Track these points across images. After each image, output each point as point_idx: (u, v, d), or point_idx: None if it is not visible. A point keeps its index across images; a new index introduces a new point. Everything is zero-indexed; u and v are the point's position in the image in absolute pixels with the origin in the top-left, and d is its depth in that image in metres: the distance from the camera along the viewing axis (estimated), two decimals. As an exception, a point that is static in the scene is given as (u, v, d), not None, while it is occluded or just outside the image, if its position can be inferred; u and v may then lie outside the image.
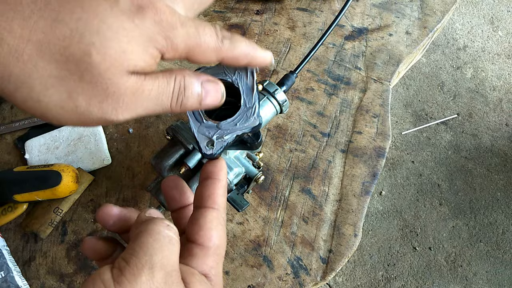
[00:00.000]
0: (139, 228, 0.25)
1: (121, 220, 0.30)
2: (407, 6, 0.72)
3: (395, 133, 1.70)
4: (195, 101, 0.26)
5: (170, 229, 0.24)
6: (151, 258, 0.22)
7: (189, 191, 0.34)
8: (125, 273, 0.22)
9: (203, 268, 0.27)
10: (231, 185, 0.42)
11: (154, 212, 0.28)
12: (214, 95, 0.27)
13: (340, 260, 0.51)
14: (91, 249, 0.29)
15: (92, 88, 0.21)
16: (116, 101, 0.22)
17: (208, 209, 0.29)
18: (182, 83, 0.25)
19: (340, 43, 0.68)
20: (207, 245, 0.28)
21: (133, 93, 0.23)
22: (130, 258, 0.23)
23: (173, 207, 0.34)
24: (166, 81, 0.24)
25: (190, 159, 0.41)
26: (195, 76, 0.26)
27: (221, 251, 0.29)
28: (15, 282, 0.46)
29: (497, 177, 1.61)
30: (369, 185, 0.56)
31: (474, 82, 1.82)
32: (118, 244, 0.30)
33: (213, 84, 0.27)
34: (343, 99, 0.63)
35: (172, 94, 0.25)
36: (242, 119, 0.39)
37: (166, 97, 0.24)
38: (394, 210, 1.55)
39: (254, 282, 0.50)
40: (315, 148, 0.59)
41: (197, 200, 0.30)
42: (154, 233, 0.24)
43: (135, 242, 0.24)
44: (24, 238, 0.53)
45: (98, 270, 0.23)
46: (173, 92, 0.25)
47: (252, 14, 0.71)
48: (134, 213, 0.31)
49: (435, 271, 1.45)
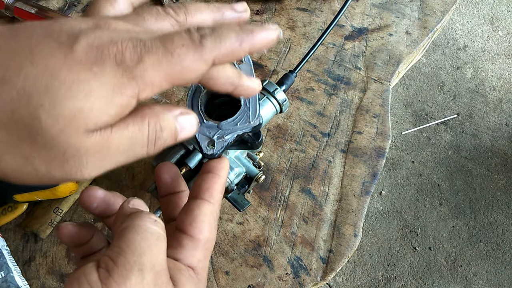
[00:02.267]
0: (124, 223, 0.24)
1: (104, 203, 0.29)
2: (407, 6, 0.72)
3: (395, 133, 1.70)
4: (171, 139, 0.23)
5: (157, 224, 0.24)
6: (140, 258, 0.22)
7: (181, 178, 0.34)
8: (113, 274, 0.21)
9: (191, 260, 0.27)
10: (232, 185, 0.42)
11: (138, 202, 0.27)
12: (189, 129, 0.24)
13: (340, 260, 0.51)
14: (67, 235, 0.28)
15: (48, 153, 0.19)
16: (78, 162, 0.20)
17: (204, 201, 0.28)
18: (158, 126, 0.22)
19: (340, 43, 0.68)
20: (198, 237, 0.27)
21: (98, 151, 0.20)
22: (117, 257, 0.22)
23: (163, 193, 0.33)
24: (138, 128, 0.21)
25: (190, 159, 0.41)
26: (169, 112, 0.23)
27: (210, 246, 0.28)
28: (15, 282, 0.46)
29: (497, 177, 1.61)
30: (369, 185, 0.56)
31: (474, 82, 1.82)
32: (95, 230, 0.30)
33: (187, 117, 0.24)
34: (343, 99, 0.63)
35: (147, 141, 0.22)
36: (243, 119, 0.39)
37: (141, 146, 0.22)
38: (394, 210, 1.55)
39: (254, 282, 0.50)
40: (315, 148, 0.59)
41: (194, 191, 0.30)
42: (142, 230, 0.23)
43: (121, 239, 0.23)
44: (24, 238, 0.53)
45: (83, 269, 0.22)
46: (148, 139, 0.22)
47: (252, 14, 0.71)
48: (119, 198, 0.31)
49: (435, 271, 1.45)
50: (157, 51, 0.20)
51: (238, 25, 0.22)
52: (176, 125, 0.23)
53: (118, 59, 0.19)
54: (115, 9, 0.25)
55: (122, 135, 0.21)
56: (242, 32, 0.22)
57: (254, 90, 0.27)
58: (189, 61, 0.21)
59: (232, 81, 0.25)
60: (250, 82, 0.26)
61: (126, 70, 0.19)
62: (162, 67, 0.20)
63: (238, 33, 0.22)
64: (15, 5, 0.66)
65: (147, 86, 0.20)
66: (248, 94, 0.27)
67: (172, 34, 0.21)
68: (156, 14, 0.23)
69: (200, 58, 0.21)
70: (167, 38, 0.21)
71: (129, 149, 0.21)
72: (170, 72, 0.20)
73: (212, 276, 0.51)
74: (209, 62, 0.21)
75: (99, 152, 0.20)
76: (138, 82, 0.20)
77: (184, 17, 0.24)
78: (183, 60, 0.20)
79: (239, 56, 0.22)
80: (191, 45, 0.21)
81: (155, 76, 0.20)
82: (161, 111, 0.22)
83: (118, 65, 0.19)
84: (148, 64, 0.20)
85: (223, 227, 0.53)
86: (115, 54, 0.19)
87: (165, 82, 0.21)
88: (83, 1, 0.73)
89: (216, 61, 0.22)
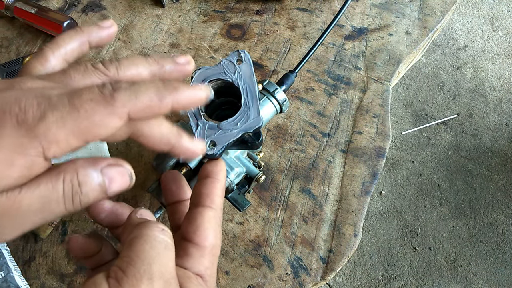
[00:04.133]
0: (133, 233, 0.23)
1: (112, 214, 0.30)
2: (407, 6, 0.72)
3: (395, 133, 1.70)
4: (98, 194, 0.22)
5: (165, 233, 0.24)
6: (149, 267, 0.22)
7: (186, 186, 0.34)
8: (124, 284, 0.21)
9: (199, 268, 0.27)
10: (232, 185, 0.42)
11: (145, 212, 0.28)
12: (120, 180, 0.23)
13: (340, 260, 0.51)
14: (77, 247, 0.28)
15: None
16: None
17: (206, 208, 0.28)
18: (75, 181, 0.21)
19: (340, 43, 0.68)
20: (203, 244, 0.27)
21: (4, 214, 0.19)
22: (127, 267, 0.22)
23: (169, 201, 0.33)
24: (51, 186, 0.20)
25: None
26: (91, 166, 0.22)
27: (217, 252, 0.28)
28: (15, 282, 0.46)
29: (497, 177, 1.61)
30: (369, 185, 0.56)
31: (474, 82, 1.82)
32: (104, 240, 0.30)
33: (116, 168, 0.22)
34: (343, 99, 0.63)
35: (63, 198, 0.21)
36: (243, 119, 0.39)
37: (56, 203, 0.21)
38: (394, 210, 1.55)
39: (254, 282, 0.50)
40: (315, 148, 0.59)
41: (194, 197, 0.30)
42: (150, 239, 0.23)
43: (130, 249, 0.22)
44: (24, 238, 0.53)
45: (93, 279, 0.22)
46: (63, 195, 0.21)
47: (252, 14, 0.71)
48: (126, 209, 0.31)
49: (435, 271, 1.45)
50: (62, 108, 0.19)
51: (162, 81, 0.22)
52: (102, 178, 0.22)
53: (20, 119, 0.19)
54: (45, 67, 0.25)
55: (33, 194, 0.20)
56: (165, 88, 0.22)
57: (194, 153, 0.26)
58: (98, 116, 0.20)
59: (168, 141, 0.24)
60: (190, 144, 0.25)
61: (28, 129, 0.19)
62: (67, 123, 0.19)
63: (158, 89, 0.21)
64: (15, 5, 0.66)
65: (51, 144, 0.19)
66: (187, 156, 0.26)
67: (81, 89, 0.20)
68: (83, 71, 0.23)
69: (112, 112, 0.20)
70: (75, 93, 0.20)
71: (43, 208, 0.20)
72: (77, 128, 0.19)
73: (212, 276, 0.51)
74: (123, 116, 0.20)
75: (7, 213, 0.19)
76: (41, 141, 0.19)
77: (115, 71, 0.24)
78: (92, 115, 0.19)
79: (160, 112, 0.22)
80: (100, 100, 0.20)
81: (60, 134, 0.19)
82: (81, 165, 0.21)
83: (19, 124, 0.19)
84: (51, 122, 0.19)
85: (223, 227, 0.53)
86: (17, 113, 0.19)
87: (73, 139, 0.20)
88: (83, 1, 0.73)
89: (133, 116, 0.21)
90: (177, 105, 0.22)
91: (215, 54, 0.67)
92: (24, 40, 0.69)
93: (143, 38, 0.69)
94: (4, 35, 0.70)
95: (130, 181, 0.23)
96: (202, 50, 0.67)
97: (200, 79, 0.42)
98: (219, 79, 0.41)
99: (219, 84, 0.42)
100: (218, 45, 0.68)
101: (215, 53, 0.67)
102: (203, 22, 0.71)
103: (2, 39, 0.69)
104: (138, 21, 0.71)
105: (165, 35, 0.69)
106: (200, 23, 0.70)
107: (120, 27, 0.70)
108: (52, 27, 0.65)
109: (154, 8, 0.72)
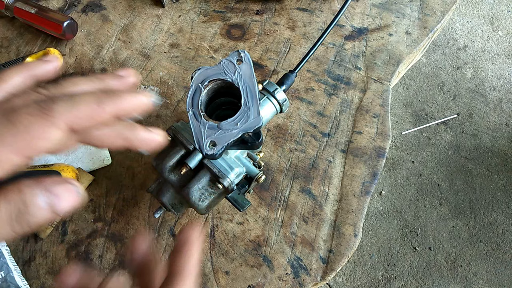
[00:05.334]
0: None
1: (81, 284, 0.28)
2: (407, 6, 0.72)
3: (395, 133, 1.70)
4: (46, 212, 0.21)
5: None
6: None
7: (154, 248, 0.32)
8: None
9: None
10: (232, 185, 0.42)
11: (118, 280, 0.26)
12: (68, 196, 0.22)
13: (340, 260, 0.51)
14: None
15: None
16: None
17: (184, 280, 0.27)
18: (20, 202, 0.20)
19: (340, 43, 0.68)
20: None
21: None
22: None
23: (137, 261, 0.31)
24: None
25: (191, 159, 0.41)
26: (36, 185, 0.21)
27: None
28: (15, 282, 0.47)
29: (497, 177, 1.61)
30: (369, 185, 0.56)
31: (474, 82, 1.82)
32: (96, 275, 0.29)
33: (61, 185, 0.22)
34: (343, 99, 0.63)
35: (9, 219, 0.20)
36: (243, 119, 0.39)
37: (1, 225, 0.20)
38: (394, 210, 1.55)
39: (254, 282, 0.50)
40: (315, 148, 0.59)
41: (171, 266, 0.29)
42: None
43: None
44: (24, 238, 0.53)
45: None
46: (10, 217, 0.20)
47: (252, 14, 0.71)
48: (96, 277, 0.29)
49: (435, 271, 1.45)
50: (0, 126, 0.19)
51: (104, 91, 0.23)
52: (49, 196, 0.21)
53: None
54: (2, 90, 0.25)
55: None
56: (106, 96, 0.22)
57: (153, 141, 0.25)
58: (37, 130, 0.20)
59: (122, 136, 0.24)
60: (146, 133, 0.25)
61: None
62: (6, 140, 0.19)
63: (98, 97, 0.22)
64: (15, 5, 0.66)
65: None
66: (148, 146, 0.25)
67: (19, 106, 0.20)
68: (23, 93, 0.23)
69: (51, 124, 0.20)
70: (13, 110, 0.20)
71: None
72: (16, 144, 0.19)
73: (212, 276, 0.51)
74: (62, 127, 0.21)
75: None
76: None
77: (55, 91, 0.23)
78: (30, 129, 0.19)
79: (103, 118, 0.22)
80: (38, 113, 0.20)
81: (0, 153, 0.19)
82: (26, 184, 0.21)
83: None
84: None
85: (223, 227, 0.53)
86: None
87: (15, 156, 0.19)
88: (83, 1, 0.73)
89: (74, 126, 0.21)
90: (120, 111, 0.23)
91: (215, 54, 0.67)
92: (24, 40, 0.69)
93: (143, 38, 0.69)
94: (4, 35, 0.70)
95: (79, 197, 0.23)
96: (202, 50, 0.67)
97: (200, 79, 0.42)
98: (219, 79, 0.41)
99: (219, 84, 0.42)
100: (218, 45, 0.68)
101: (215, 53, 0.67)
102: (203, 22, 0.71)
103: (2, 39, 0.69)
104: (138, 21, 0.71)
105: (165, 35, 0.69)
106: (200, 23, 0.70)
107: (120, 27, 0.70)
108: (52, 27, 0.65)
109: (154, 8, 0.72)
